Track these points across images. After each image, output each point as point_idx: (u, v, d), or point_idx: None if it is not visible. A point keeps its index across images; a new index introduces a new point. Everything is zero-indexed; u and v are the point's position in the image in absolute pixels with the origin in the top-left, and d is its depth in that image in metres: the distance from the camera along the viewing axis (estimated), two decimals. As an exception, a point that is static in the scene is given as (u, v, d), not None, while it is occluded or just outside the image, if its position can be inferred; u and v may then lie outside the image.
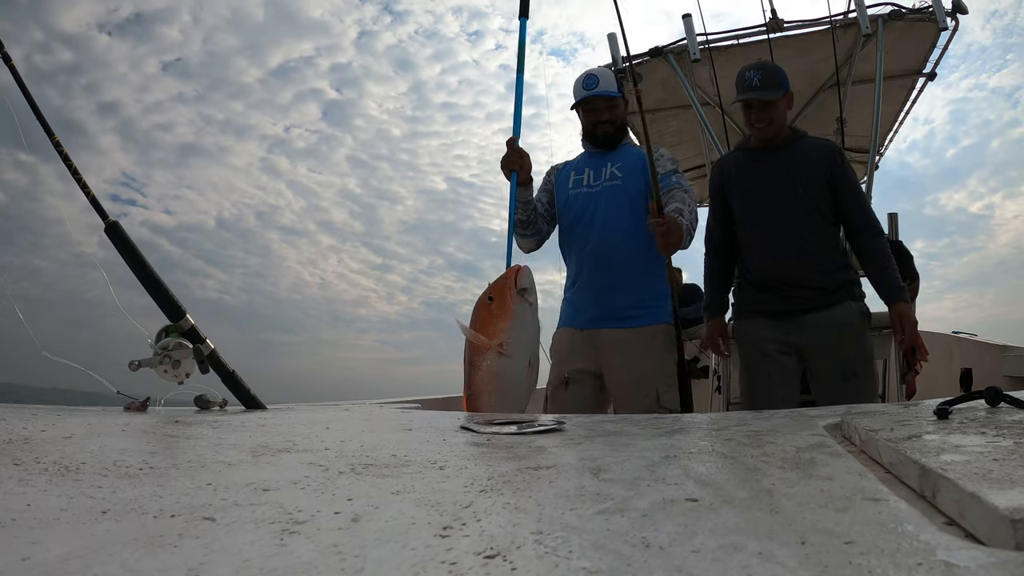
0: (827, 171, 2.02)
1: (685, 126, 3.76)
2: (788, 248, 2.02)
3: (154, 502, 0.50)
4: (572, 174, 2.25)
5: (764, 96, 2.00)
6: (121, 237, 1.22)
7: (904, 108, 3.80)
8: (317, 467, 0.65)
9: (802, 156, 2.05)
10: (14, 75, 1.20)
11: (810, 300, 2.01)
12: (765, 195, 2.06)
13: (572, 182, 2.24)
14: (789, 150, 2.07)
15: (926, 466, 0.51)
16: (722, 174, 2.20)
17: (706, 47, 3.17)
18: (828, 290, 2.00)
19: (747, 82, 2.03)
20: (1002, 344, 3.06)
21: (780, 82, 2.04)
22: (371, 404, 1.61)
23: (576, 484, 0.57)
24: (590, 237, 2.14)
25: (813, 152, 2.06)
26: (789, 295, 2.03)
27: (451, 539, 0.41)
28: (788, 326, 2.02)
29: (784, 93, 2.04)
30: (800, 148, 2.07)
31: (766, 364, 2.04)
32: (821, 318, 1.99)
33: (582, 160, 2.29)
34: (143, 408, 1.13)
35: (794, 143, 2.09)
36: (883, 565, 0.34)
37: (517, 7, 2.21)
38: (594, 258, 2.12)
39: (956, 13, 2.96)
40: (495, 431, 0.95)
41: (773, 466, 0.62)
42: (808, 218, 2.02)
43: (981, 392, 0.84)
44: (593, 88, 2.16)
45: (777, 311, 2.04)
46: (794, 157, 2.05)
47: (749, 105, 2.04)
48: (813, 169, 2.03)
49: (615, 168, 2.19)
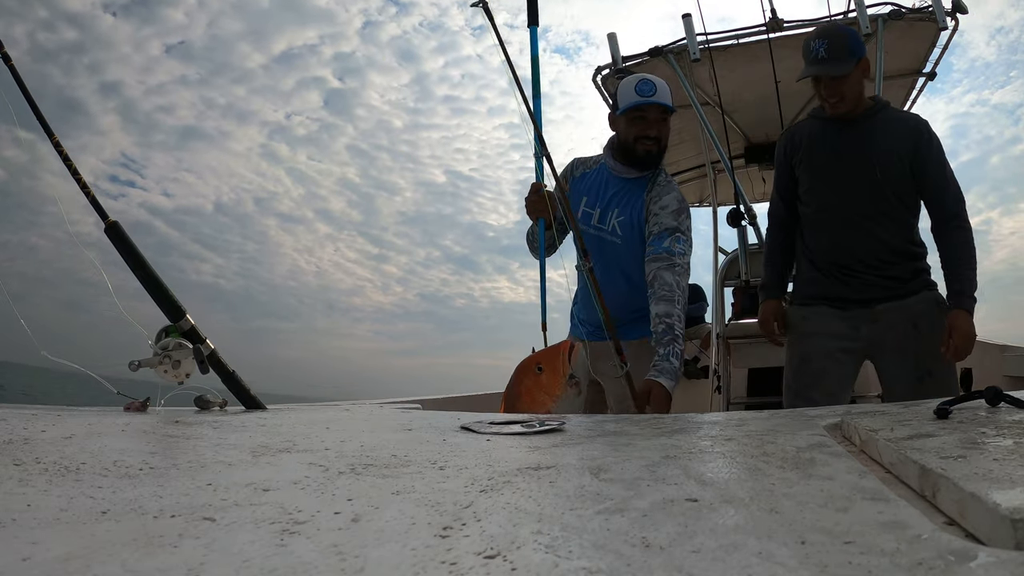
0: (911, 150, 1.81)
1: (685, 126, 3.76)
2: (859, 234, 1.84)
3: (154, 502, 0.50)
4: (583, 201, 2.01)
5: (832, 71, 1.77)
6: (121, 237, 1.22)
7: (904, 108, 3.80)
8: (317, 467, 0.65)
9: (884, 132, 1.83)
10: (14, 75, 1.19)
11: (883, 289, 1.83)
12: (838, 174, 1.86)
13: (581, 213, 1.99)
14: (869, 124, 1.84)
15: (926, 466, 0.51)
16: (792, 143, 1.97)
17: (706, 47, 3.17)
18: (903, 279, 1.84)
19: (812, 53, 1.79)
20: (1002, 344, 3.06)
21: (851, 50, 1.78)
22: (371, 404, 1.61)
23: (576, 484, 0.57)
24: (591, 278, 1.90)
25: (897, 128, 1.83)
26: (858, 283, 1.85)
27: (451, 539, 0.41)
28: (857, 318, 1.85)
29: (858, 61, 1.78)
30: (882, 122, 1.84)
31: (824, 361, 1.86)
32: (894, 309, 1.81)
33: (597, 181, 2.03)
34: (143, 408, 1.13)
35: (875, 115, 1.85)
36: (883, 565, 0.34)
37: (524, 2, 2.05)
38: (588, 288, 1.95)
39: (956, 12, 2.96)
40: (495, 431, 0.95)
41: (773, 466, 0.62)
42: (884, 202, 1.83)
43: (981, 392, 0.84)
44: (650, 95, 1.87)
45: (845, 299, 1.86)
46: (874, 133, 1.83)
47: (818, 79, 1.81)
48: (895, 147, 1.81)
49: (617, 223, 1.95)
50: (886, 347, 1.83)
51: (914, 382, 1.76)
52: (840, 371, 1.85)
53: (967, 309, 1.73)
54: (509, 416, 1.18)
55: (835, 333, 1.86)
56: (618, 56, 3.31)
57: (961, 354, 1.72)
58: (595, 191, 2.01)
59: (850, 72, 1.77)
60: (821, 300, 1.89)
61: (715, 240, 3.94)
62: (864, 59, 1.80)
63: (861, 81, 1.83)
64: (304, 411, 1.26)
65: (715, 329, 3.59)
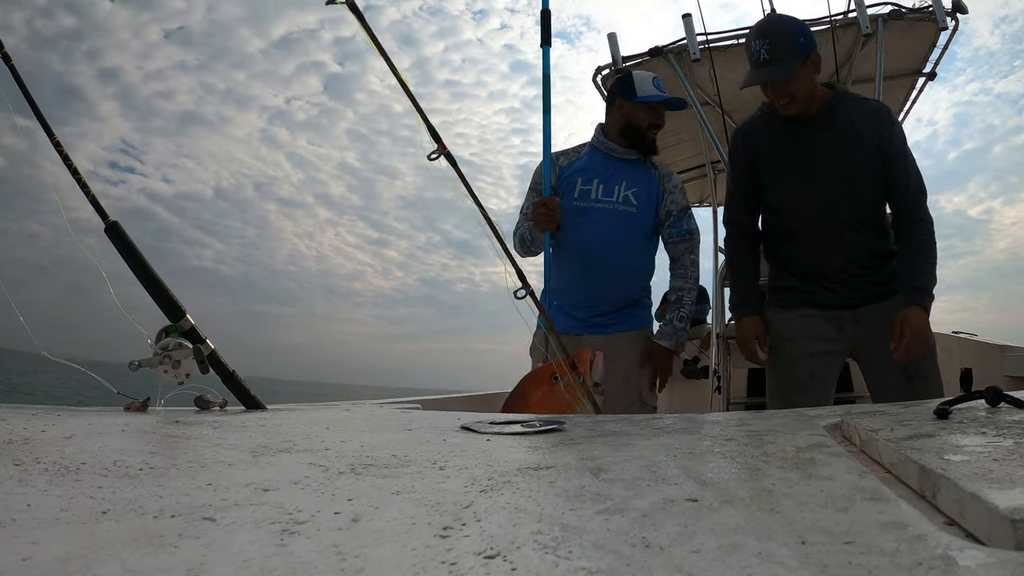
0: (876, 139, 1.69)
1: (685, 126, 3.76)
2: (837, 242, 1.74)
3: (154, 502, 0.50)
4: (579, 181, 2.08)
5: (776, 75, 1.65)
6: (121, 237, 1.22)
7: (904, 108, 3.80)
8: (317, 467, 0.65)
9: (847, 125, 1.71)
10: (14, 75, 1.19)
11: (866, 292, 1.76)
12: (809, 179, 1.74)
13: (579, 192, 2.07)
14: (832, 119, 1.72)
15: (926, 466, 0.51)
16: (749, 144, 1.84)
17: (706, 47, 3.17)
18: (883, 282, 1.76)
19: (754, 56, 1.68)
20: (1002, 344, 3.06)
21: (794, 48, 1.64)
22: (371, 404, 1.61)
23: (576, 484, 0.57)
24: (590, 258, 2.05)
25: (858, 118, 1.71)
26: (842, 289, 1.77)
27: (451, 539, 0.41)
28: (841, 319, 1.78)
29: (805, 58, 1.65)
30: (844, 115, 1.72)
31: (809, 366, 1.78)
32: (877, 311, 1.74)
33: (590, 162, 2.12)
34: (143, 408, 1.13)
35: (836, 108, 1.73)
36: (883, 565, 0.34)
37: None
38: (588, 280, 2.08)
39: (956, 12, 2.96)
40: (496, 431, 0.95)
41: (773, 466, 0.62)
42: (860, 204, 1.73)
43: (981, 392, 0.84)
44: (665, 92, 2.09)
45: (826, 304, 1.78)
46: (837, 127, 1.71)
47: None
48: (860, 139, 1.70)
49: (630, 193, 2.06)
50: (871, 348, 1.76)
51: (904, 383, 1.68)
52: (825, 375, 1.80)
53: (921, 305, 1.64)
54: (509, 416, 1.18)
55: (818, 335, 1.79)
56: (618, 56, 3.31)
57: (912, 353, 1.62)
58: (591, 170, 2.11)
59: (795, 74, 1.64)
60: (805, 304, 1.82)
61: (715, 240, 3.94)
62: (813, 54, 1.67)
63: (811, 77, 1.69)
64: (304, 411, 1.26)
65: (715, 329, 3.59)
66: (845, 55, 3.20)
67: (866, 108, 1.75)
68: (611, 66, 3.33)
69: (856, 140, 1.71)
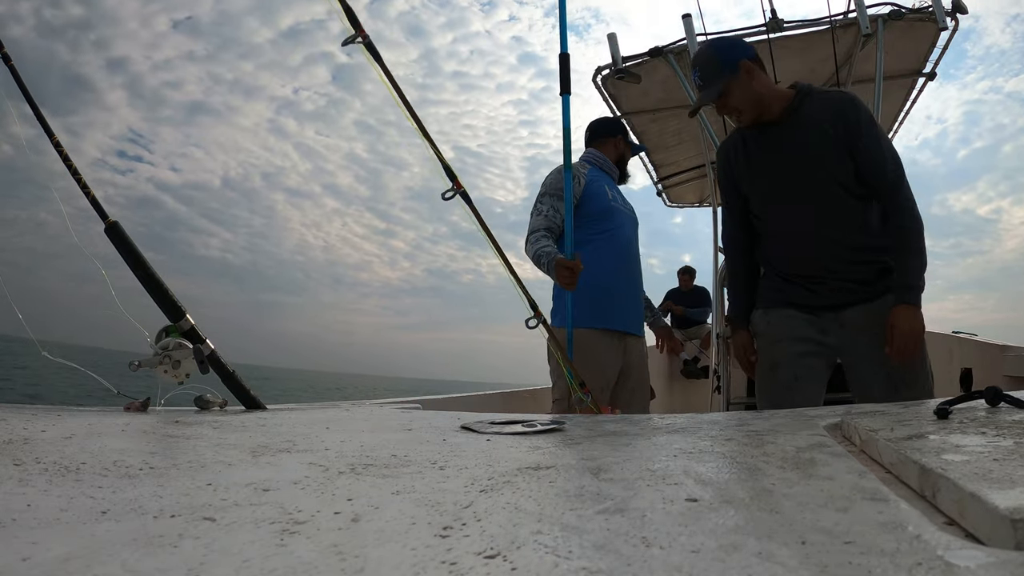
0: (841, 127, 1.68)
1: (685, 126, 3.76)
2: (817, 241, 1.74)
3: (154, 502, 0.50)
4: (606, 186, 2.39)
5: (707, 98, 1.76)
6: (121, 237, 1.22)
7: (904, 108, 3.80)
8: (317, 467, 0.65)
9: (811, 123, 1.72)
10: (14, 75, 1.19)
11: (848, 293, 1.73)
12: (782, 184, 1.77)
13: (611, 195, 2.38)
14: (796, 119, 1.74)
15: (926, 466, 0.51)
16: (728, 161, 1.91)
17: None
18: (868, 281, 1.72)
19: (695, 83, 1.82)
20: (1002, 344, 3.06)
21: (719, 68, 1.74)
22: (371, 404, 1.61)
23: (576, 484, 0.57)
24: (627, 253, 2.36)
25: (820, 110, 1.72)
26: (825, 290, 1.75)
27: (451, 539, 0.41)
28: (826, 323, 1.76)
29: (733, 72, 1.72)
30: (807, 111, 1.74)
31: (793, 368, 1.77)
32: (862, 313, 1.71)
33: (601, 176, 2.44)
34: (143, 408, 1.13)
35: (800, 108, 1.74)
36: (883, 565, 0.34)
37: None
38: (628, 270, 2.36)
39: (956, 13, 2.96)
40: (496, 431, 0.95)
41: (773, 466, 0.62)
42: (834, 201, 1.71)
43: (981, 392, 0.84)
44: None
45: (812, 305, 1.77)
46: (802, 126, 1.73)
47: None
48: (825, 136, 1.69)
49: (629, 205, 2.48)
50: (858, 352, 1.74)
51: (890, 391, 1.65)
52: (811, 376, 1.78)
53: (911, 303, 1.61)
54: (509, 416, 1.18)
55: (802, 336, 1.78)
56: (618, 56, 3.31)
57: (905, 354, 1.61)
58: (606, 182, 2.44)
59: (721, 92, 1.73)
60: (788, 304, 1.81)
61: (715, 240, 3.94)
62: (742, 63, 1.73)
63: (749, 86, 1.74)
64: (304, 411, 1.26)
65: (715, 329, 3.59)
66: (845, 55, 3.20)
67: (827, 99, 1.75)
68: (611, 66, 3.34)
69: (820, 133, 1.71)
